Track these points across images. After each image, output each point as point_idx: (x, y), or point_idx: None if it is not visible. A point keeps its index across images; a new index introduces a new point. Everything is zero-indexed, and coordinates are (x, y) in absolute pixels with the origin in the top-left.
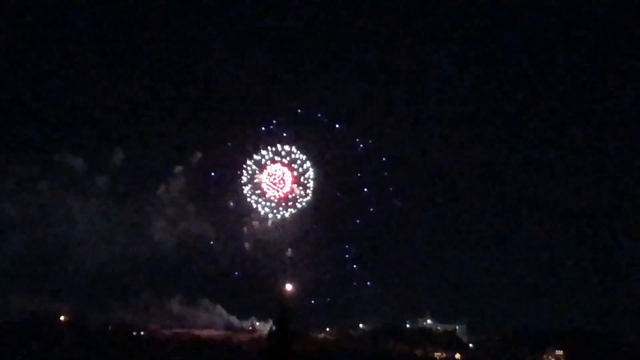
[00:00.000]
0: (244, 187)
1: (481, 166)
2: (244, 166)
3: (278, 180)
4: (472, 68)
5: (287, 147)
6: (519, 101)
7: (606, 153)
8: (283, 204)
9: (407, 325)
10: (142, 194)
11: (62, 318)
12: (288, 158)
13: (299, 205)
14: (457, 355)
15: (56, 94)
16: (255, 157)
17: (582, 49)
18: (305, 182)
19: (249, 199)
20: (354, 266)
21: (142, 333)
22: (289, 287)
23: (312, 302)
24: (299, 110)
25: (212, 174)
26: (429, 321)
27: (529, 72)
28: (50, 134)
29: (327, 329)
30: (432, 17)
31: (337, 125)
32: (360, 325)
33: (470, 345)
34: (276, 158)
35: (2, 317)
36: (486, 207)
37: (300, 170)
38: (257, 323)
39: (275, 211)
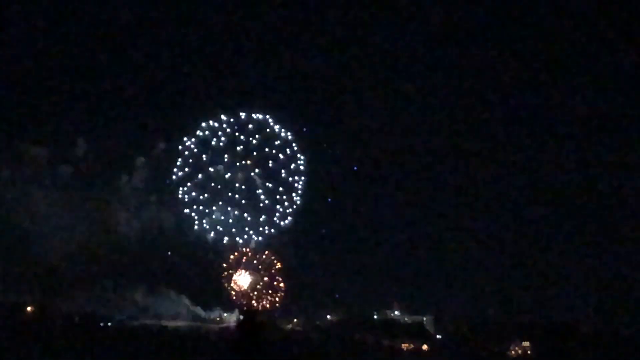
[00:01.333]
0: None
1: (451, 153)
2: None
3: None
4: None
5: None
6: None
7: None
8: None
9: (375, 317)
10: (105, 185)
11: (28, 309)
12: None
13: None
14: (425, 347)
15: (19, 84)
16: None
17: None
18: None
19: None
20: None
21: (109, 324)
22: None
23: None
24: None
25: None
26: (396, 312)
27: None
28: (12, 123)
29: (295, 320)
30: None
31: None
32: (328, 317)
33: (438, 336)
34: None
35: None
36: (454, 196)
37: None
38: (225, 314)
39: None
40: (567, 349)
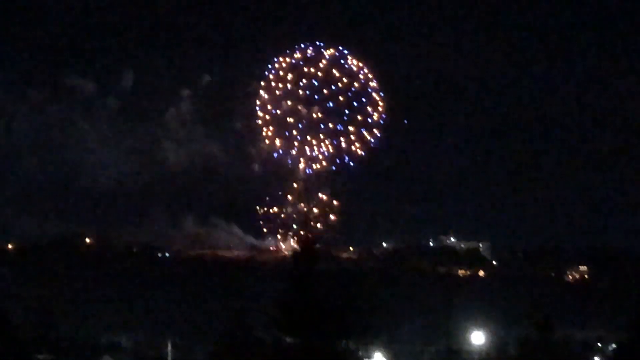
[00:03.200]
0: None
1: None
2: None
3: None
4: None
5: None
6: None
7: None
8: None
9: (430, 244)
10: (152, 117)
11: (87, 240)
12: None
13: None
14: (481, 272)
15: (66, 19)
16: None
17: None
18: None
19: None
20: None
21: (166, 254)
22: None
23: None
24: None
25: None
26: (452, 239)
27: None
28: (60, 58)
29: (350, 248)
30: None
31: None
32: (383, 244)
33: (494, 262)
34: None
35: (26, 241)
36: (513, 124)
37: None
38: (281, 244)
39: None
40: (625, 273)
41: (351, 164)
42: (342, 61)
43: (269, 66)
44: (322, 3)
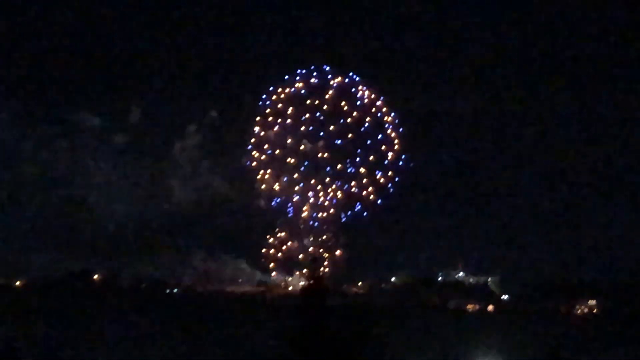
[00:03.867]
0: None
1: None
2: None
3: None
4: None
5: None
6: None
7: None
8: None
9: (440, 278)
10: (159, 153)
11: (95, 276)
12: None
13: None
14: (490, 307)
15: (72, 54)
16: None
17: None
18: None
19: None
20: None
21: (175, 290)
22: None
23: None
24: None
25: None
26: (461, 273)
27: None
28: (66, 94)
29: (360, 283)
30: None
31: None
32: (392, 279)
33: (504, 296)
34: None
35: (34, 278)
36: (522, 158)
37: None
38: (289, 278)
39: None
40: (634, 307)
41: (364, 213)
42: (352, 90)
43: (264, 96)
44: (328, 21)
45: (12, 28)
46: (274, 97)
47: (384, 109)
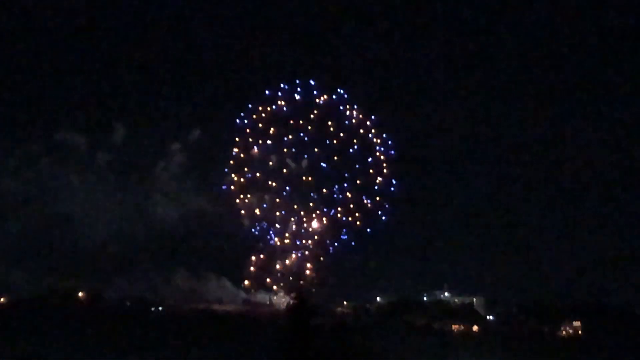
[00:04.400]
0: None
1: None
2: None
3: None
4: None
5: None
6: None
7: None
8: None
9: (425, 298)
10: (142, 171)
11: (80, 294)
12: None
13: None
14: (475, 328)
15: (56, 73)
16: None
17: None
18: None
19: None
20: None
21: (160, 308)
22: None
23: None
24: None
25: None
26: (446, 294)
27: None
28: (50, 112)
29: (345, 303)
30: None
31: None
32: (378, 299)
33: (489, 317)
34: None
35: (17, 295)
36: (505, 179)
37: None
38: (274, 297)
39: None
40: (619, 330)
41: (351, 242)
42: (339, 109)
43: (242, 114)
44: (314, 34)
45: None
46: (255, 115)
47: (373, 131)
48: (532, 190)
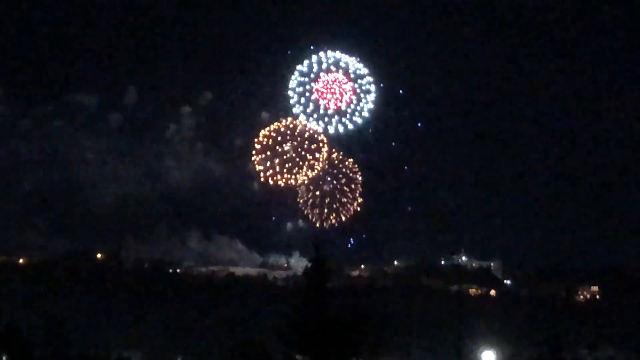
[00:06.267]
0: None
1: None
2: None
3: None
4: None
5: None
6: None
7: None
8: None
9: (442, 262)
10: (154, 133)
11: (98, 255)
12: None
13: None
14: (492, 292)
15: (69, 34)
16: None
17: None
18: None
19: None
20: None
21: (177, 270)
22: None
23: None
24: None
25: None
26: (463, 258)
27: None
28: (63, 74)
29: (362, 266)
30: None
31: None
32: (395, 262)
33: (506, 281)
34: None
35: (36, 256)
36: (523, 144)
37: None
38: (292, 260)
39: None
40: (637, 295)
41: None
42: None
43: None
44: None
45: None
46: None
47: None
48: (551, 156)
